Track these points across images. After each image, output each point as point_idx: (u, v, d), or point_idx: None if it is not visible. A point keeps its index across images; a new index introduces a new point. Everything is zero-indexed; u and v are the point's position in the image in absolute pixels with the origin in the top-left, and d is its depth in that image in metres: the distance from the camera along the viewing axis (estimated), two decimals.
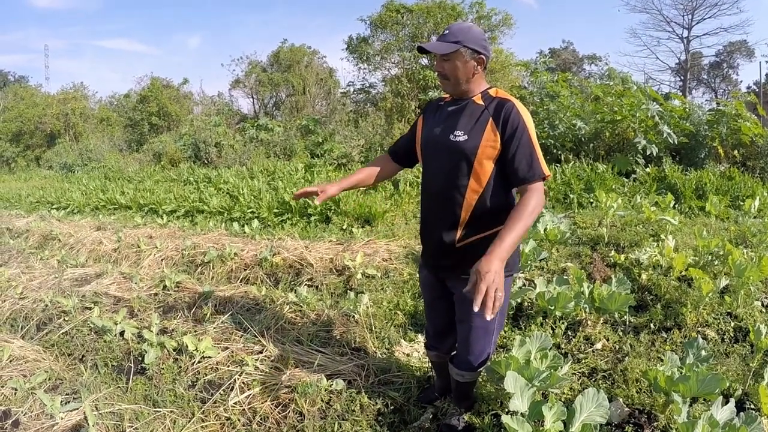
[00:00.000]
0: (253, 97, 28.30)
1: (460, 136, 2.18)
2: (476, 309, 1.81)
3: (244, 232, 6.56)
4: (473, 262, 2.26)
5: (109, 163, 18.40)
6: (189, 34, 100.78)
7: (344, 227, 7.00)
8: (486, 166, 2.17)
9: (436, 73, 2.28)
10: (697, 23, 35.47)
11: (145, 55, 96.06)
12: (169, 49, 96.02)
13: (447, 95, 2.41)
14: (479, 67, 2.24)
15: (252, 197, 8.94)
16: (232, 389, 2.98)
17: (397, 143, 2.65)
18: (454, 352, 2.64)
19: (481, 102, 2.23)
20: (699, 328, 3.55)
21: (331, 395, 2.93)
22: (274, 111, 27.04)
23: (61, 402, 2.96)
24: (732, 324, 3.58)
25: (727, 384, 2.82)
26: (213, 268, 5.32)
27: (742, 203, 6.76)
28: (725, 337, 3.47)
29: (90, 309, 4.33)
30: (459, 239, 2.27)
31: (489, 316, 1.82)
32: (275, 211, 8.01)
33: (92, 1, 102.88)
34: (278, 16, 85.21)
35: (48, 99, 29.41)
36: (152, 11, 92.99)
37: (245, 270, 5.21)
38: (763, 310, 3.80)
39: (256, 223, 7.04)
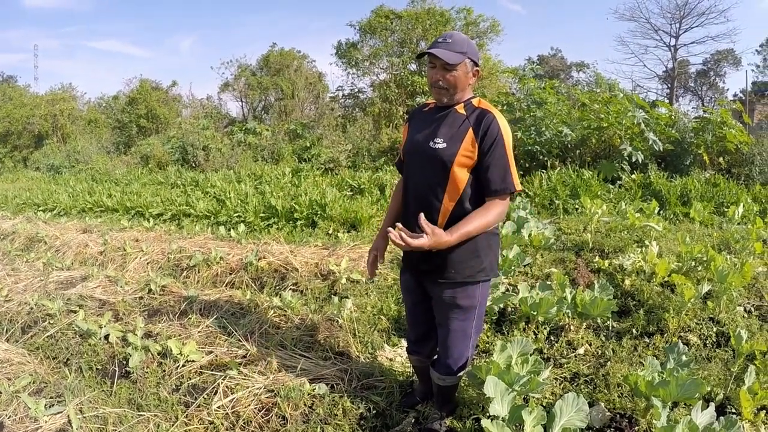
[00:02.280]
0: (242, 101, 28.13)
1: (440, 143, 2.23)
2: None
3: (230, 236, 6.54)
4: (450, 266, 2.33)
5: (96, 165, 18.19)
6: (182, 37, 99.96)
7: (330, 232, 7.01)
8: (462, 174, 2.22)
9: (434, 81, 2.25)
10: (685, 32, 35.70)
11: (138, 58, 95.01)
12: (163, 51, 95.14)
13: (431, 102, 2.44)
14: (474, 79, 2.30)
15: (239, 201, 8.92)
16: (215, 393, 2.98)
17: (399, 156, 2.63)
18: (436, 357, 2.67)
19: (463, 111, 2.27)
20: (681, 333, 3.59)
21: (314, 399, 2.93)
22: (263, 114, 26.89)
23: (46, 405, 2.93)
24: (714, 329, 3.62)
25: (708, 389, 2.86)
26: (198, 272, 5.30)
27: (726, 210, 6.84)
28: (707, 342, 3.52)
29: (75, 312, 4.28)
30: None
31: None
32: (261, 215, 7.99)
33: (85, 2, 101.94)
34: (274, 19, 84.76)
35: (36, 99, 28.91)
36: (145, 13, 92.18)
37: (231, 274, 5.19)
38: (745, 315, 3.86)
39: (242, 227, 7.00)
